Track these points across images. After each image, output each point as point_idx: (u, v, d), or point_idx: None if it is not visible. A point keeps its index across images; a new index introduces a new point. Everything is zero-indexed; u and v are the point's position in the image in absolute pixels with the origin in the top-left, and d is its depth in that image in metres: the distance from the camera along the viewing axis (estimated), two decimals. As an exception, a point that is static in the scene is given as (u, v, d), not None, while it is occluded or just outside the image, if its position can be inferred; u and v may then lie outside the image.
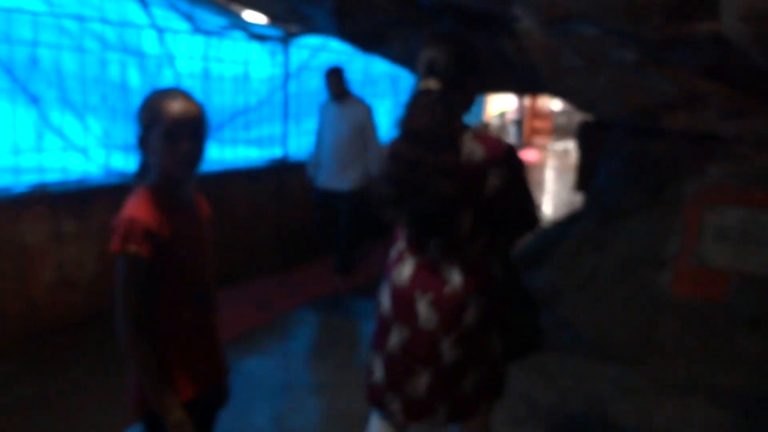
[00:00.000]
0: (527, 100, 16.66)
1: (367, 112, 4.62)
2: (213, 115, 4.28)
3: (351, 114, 4.60)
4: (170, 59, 4.79)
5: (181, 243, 1.60)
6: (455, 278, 1.86)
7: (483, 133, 1.95)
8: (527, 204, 1.91)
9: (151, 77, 4.65)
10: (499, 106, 15.60)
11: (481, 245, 1.89)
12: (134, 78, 4.56)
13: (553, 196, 10.36)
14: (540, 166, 13.78)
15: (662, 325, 3.91)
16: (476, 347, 1.88)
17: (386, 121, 6.61)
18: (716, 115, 3.86)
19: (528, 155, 15.14)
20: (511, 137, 15.76)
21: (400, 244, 2.00)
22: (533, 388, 3.42)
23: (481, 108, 13.76)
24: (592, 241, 4.53)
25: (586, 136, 5.43)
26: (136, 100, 1.72)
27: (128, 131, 4.34)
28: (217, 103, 5.19)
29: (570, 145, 15.89)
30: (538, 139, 17.63)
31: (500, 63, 4.42)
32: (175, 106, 1.55)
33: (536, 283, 4.63)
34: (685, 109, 3.90)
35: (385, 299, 1.98)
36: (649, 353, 3.82)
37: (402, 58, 4.98)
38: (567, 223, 5.00)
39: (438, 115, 1.81)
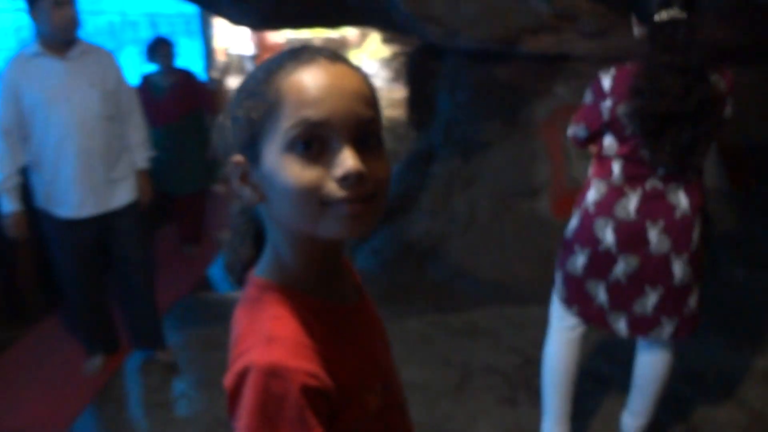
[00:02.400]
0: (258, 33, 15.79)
1: (116, 66, 2.87)
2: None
3: (93, 73, 2.75)
4: None
5: (365, 386, 0.83)
6: (683, 202, 2.04)
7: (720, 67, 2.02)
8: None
9: None
10: (229, 41, 14.51)
11: (700, 168, 2.07)
12: None
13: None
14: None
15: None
16: (700, 264, 2.10)
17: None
18: (577, 36, 3.80)
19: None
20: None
21: (612, 181, 2.08)
22: (485, 353, 3.12)
23: (208, 42, 12.60)
24: (459, 180, 4.30)
25: (417, 67, 5.10)
26: None
27: None
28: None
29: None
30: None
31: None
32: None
33: (410, 232, 4.29)
34: (551, 31, 3.77)
35: (608, 235, 2.08)
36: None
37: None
38: (419, 164, 4.69)
39: (703, 43, 1.89)
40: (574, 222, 2.23)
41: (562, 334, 2.30)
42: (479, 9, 3.59)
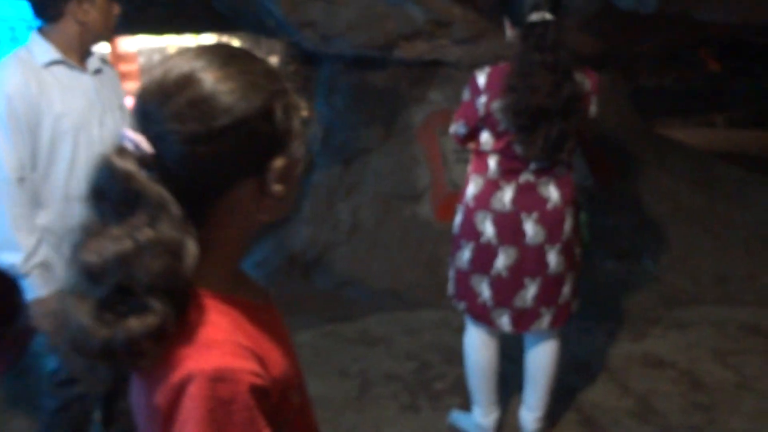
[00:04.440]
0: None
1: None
2: None
3: (115, 89, 2.19)
4: None
5: (290, 384, 0.81)
6: (554, 194, 2.17)
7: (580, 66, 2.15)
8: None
9: None
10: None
11: (569, 163, 2.21)
12: None
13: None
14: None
15: (443, 258, 3.94)
16: (572, 254, 2.23)
17: None
18: (450, 42, 3.90)
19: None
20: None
21: (488, 175, 2.19)
22: (382, 361, 3.08)
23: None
24: (341, 187, 4.25)
25: (288, 73, 4.98)
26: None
27: None
28: None
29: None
30: (129, 84, 16.07)
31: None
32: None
33: (293, 242, 4.18)
34: (425, 37, 3.83)
35: (488, 227, 2.18)
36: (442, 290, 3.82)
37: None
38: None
39: (568, 45, 2.04)
40: (458, 218, 2.32)
41: (477, 327, 2.34)
42: (357, 15, 3.58)
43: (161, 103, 0.68)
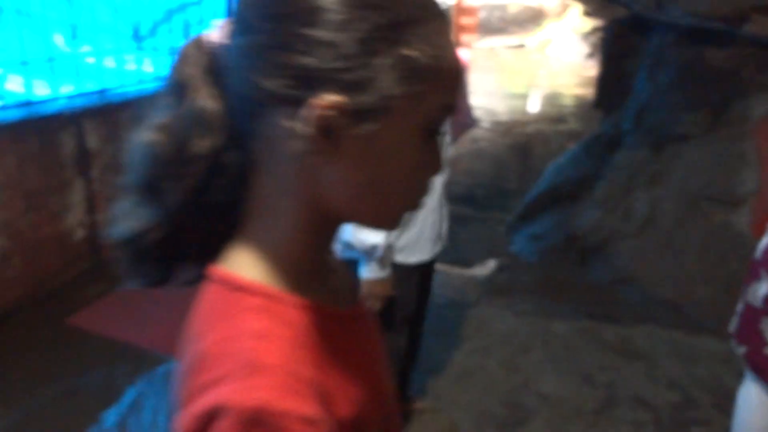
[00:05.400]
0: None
1: None
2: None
3: None
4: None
5: (364, 420, 0.60)
6: None
7: None
8: None
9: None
10: None
11: None
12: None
13: (505, 101, 9.60)
14: (480, 68, 12.89)
15: (750, 279, 3.29)
16: None
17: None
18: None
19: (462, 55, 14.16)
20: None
21: None
22: (637, 380, 2.71)
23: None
24: (644, 174, 3.78)
25: (614, 40, 4.55)
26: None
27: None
28: None
29: (495, 44, 15.03)
30: (466, 37, 16.62)
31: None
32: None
33: (577, 224, 3.88)
34: (790, 11, 3.09)
35: None
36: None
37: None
38: (599, 149, 4.22)
39: None
40: (765, 240, 1.79)
41: (756, 383, 1.87)
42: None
43: None
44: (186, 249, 0.60)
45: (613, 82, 4.51)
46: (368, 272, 1.87)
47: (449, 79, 0.56)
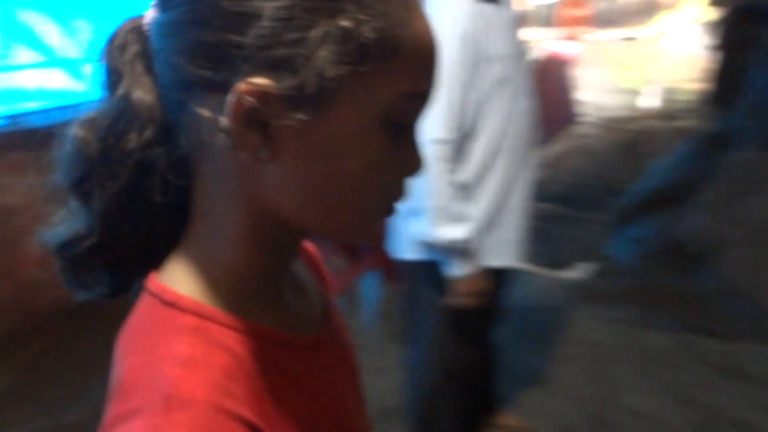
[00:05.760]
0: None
1: None
2: None
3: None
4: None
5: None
6: None
7: None
8: None
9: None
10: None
11: None
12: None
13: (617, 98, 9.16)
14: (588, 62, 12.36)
15: None
16: None
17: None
18: None
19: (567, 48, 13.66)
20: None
21: None
22: (738, 404, 2.48)
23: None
24: (758, 176, 3.47)
25: (733, 30, 4.20)
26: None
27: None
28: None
29: (604, 36, 14.36)
30: (577, 30, 16.03)
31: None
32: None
33: (682, 229, 3.62)
34: None
35: None
36: None
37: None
38: (709, 148, 3.91)
39: None
40: None
41: None
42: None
43: None
44: (128, 257, 0.52)
45: (730, 75, 4.16)
46: (453, 270, 1.75)
47: (412, 60, 0.46)
